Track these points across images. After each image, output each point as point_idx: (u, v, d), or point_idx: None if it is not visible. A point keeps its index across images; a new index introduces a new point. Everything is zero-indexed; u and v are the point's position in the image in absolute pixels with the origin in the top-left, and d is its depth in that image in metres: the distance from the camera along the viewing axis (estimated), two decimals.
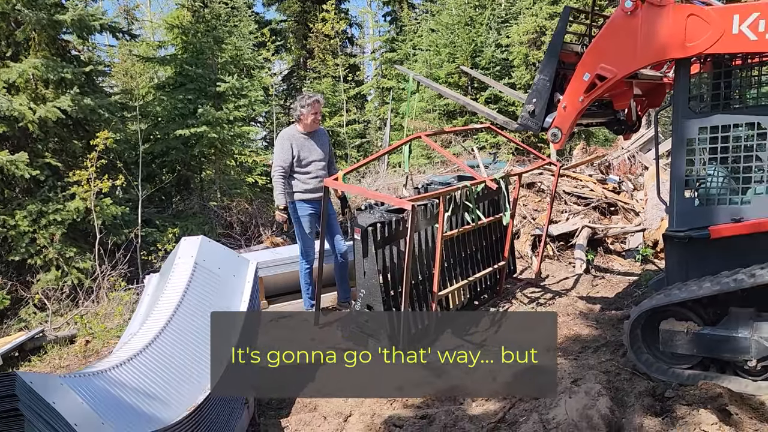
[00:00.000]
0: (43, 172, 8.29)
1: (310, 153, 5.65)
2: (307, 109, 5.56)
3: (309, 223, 5.73)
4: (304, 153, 5.62)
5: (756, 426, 3.21)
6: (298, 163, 5.60)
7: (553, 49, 4.48)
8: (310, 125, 5.63)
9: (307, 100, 5.58)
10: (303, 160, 5.62)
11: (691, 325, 3.88)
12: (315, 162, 5.67)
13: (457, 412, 3.69)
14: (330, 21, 22.12)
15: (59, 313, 7.17)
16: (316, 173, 5.67)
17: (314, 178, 5.66)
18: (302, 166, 5.63)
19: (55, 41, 9.09)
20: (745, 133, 3.89)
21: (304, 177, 5.65)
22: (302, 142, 5.63)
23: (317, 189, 5.62)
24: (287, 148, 5.56)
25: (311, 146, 5.68)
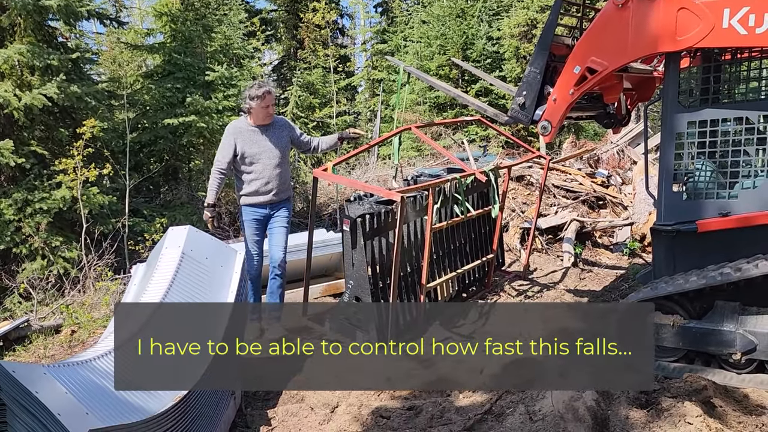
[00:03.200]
0: (28, 160, 8.18)
1: (258, 151, 5.00)
2: (256, 102, 4.89)
3: (251, 229, 5.15)
4: (250, 150, 4.97)
5: (740, 418, 3.24)
6: (241, 161, 4.99)
7: (543, 41, 4.47)
8: (262, 119, 5.01)
9: (256, 91, 4.87)
10: (247, 158, 4.98)
11: (677, 318, 3.90)
12: (263, 161, 5.01)
13: (444, 404, 3.71)
14: (321, 11, 21.98)
15: (45, 302, 7.10)
16: (262, 173, 5.02)
17: (259, 179, 5.02)
18: (246, 164, 5.00)
19: (41, 27, 8.95)
20: (733, 127, 3.91)
21: (248, 177, 5.03)
22: (249, 137, 4.98)
23: (262, 191, 5.05)
24: (228, 145, 4.97)
25: (261, 142, 5.01)
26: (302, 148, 5.39)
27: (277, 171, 5.09)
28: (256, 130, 5.02)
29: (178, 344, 3.20)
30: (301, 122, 17.79)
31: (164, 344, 3.14)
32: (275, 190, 5.09)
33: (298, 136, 5.32)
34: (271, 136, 5.06)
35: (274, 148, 5.06)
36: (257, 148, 4.99)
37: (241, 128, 5.01)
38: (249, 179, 5.02)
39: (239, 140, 4.96)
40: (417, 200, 5.24)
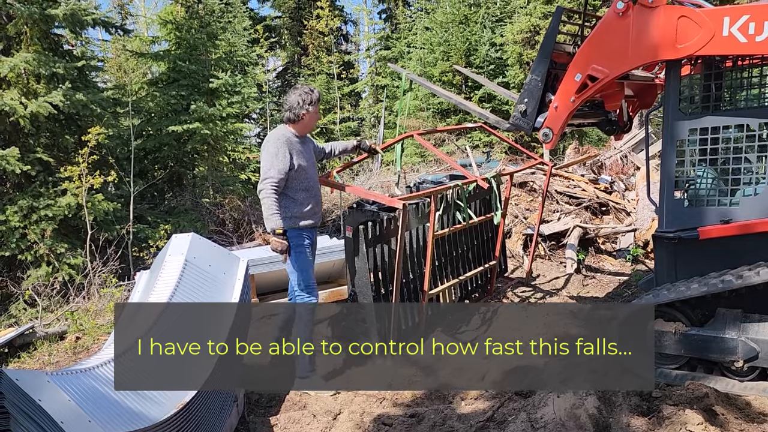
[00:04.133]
0: (34, 167, 8.26)
1: (307, 165, 4.31)
2: (314, 108, 4.23)
3: (307, 255, 4.39)
4: (302, 164, 4.24)
5: (741, 426, 3.24)
6: (296, 176, 4.20)
7: (545, 49, 4.49)
8: (311, 128, 4.40)
9: (313, 96, 4.23)
10: (301, 173, 4.23)
11: (679, 325, 3.90)
12: (312, 177, 4.37)
13: (446, 411, 3.71)
14: (324, 18, 22.07)
15: (49, 309, 7.14)
16: (313, 191, 4.37)
17: (312, 197, 4.34)
18: (300, 180, 4.24)
19: (47, 36, 9.05)
20: (734, 134, 3.92)
21: (302, 196, 4.27)
22: (299, 149, 4.24)
23: (315, 211, 4.39)
24: (284, 155, 4.12)
25: (308, 155, 4.35)
26: (320, 156, 4.81)
27: (319, 187, 4.48)
28: (300, 140, 4.30)
29: (179, 345, 3.22)
30: None
31: (166, 347, 3.16)
32: (319, 210, 4.49)
33: (316, 146, 4.75)
34: (309, 149, 4.42)
35: (314, 162, 4.49)
36: (306, 162, 4.28)
37: (290, 138, 4.22)
38: (303, 198, 4.27)
39: (293, 151, 4.18)
40: (419, 207, 5.26)
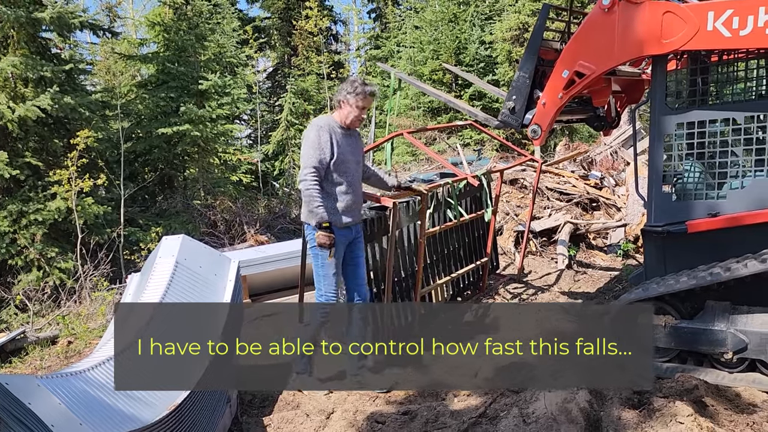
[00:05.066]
0: (23, 171, 8.21)
1: (351, 158, 3.98)
2: (354, 99, 3.89)
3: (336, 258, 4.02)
4: (344, 155, 3.91)
5: (731, 417, 3.27)
6: (335, 167, 3.87)
7: (532, 46, 4.51)
8: (350, 121, 3.97)
9: (360, 88, 3.90)
10: (341, 164, 3.89)
11: (669, 318, 3.93)
12: (353, 171, 4.01)
13: (438, 408, 3.72)
14: (313, 18, 22.06)
15: (41, 313, 7.10)
16: (354, 186, 4.01)
17: (351, 193, 3.98)
18: (339, 173, 3.90)
19: (34, 39, 9.00)
20: (721, 128, 3.95)
21: (340, 189, 3.93)
22: (343, 139, 3.93)
23: (354, 209, 4.03)
24: (325, 142, 3.82)
25: (352, 147, 4.01)
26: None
27: (360, 182, 4.16)
28: (344, 132, 3.98)
29: (171, 346, 3.22)
30: (296, 129, 17.82)
31: (159, 348, 3.16)
32: (359, 206, 4.14)
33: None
34: (355, 143, 4.08)
35: (360, 157, 4.14)
36: (350, 153, 3.97)
37: (333, 126, 3.92)
38: (341, 192, 3.93)
39: (335, 140, 3.87)
40: (410, 205, 5.27)
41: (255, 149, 17.78)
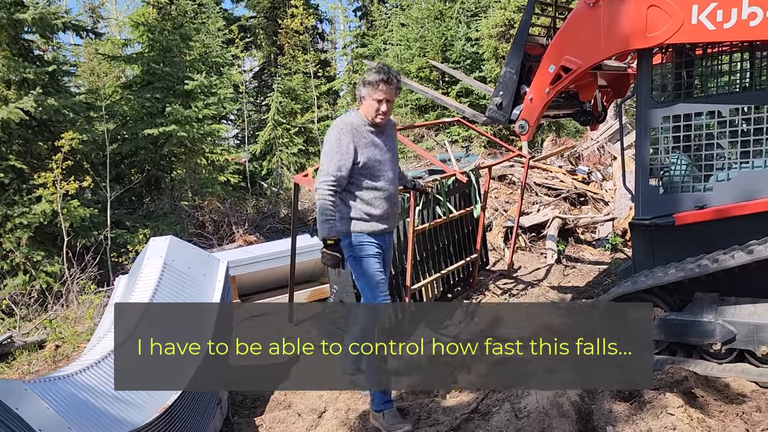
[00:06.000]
0: (7, 174, 8.13)
1: (381, 159, 3.51)
2: (368, 92, 3.42)
3: (375, 265, 3.56)
4: (373, 157, 3.45)
5: (721, 407, 3.29)
6: (361, 172, 3.44)
7: (518, 41, 4.51)
8: (373, 116, 3.45)
9: (371, 77, 3.42)
10: (370, 168, 3.45)
11: (658, 311, 3.95)
12: (386, 173, 3.53)
13: (430, 405, 3.72)
14: (299, 17, 21.98)
15: (28, 318, 7.03)
16: (387, 190, 3.54)
17: (384, 198, 3.53)
18: (369, 178, 3.47)
19: (16, 41, 8.90)
20: (706, 121, 3.97)
21: (371, 195, 3.48)
22: (369, 139, 3.46)
23: (388, 215, 3.59)
24: (346, 146, 3.36)
25: (382, 147, 3.52)
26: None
27: (396, 186, 3.67)
28: (373, 130, 3.51)
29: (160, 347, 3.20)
30: (283, 128, 17.76)
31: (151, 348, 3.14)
32: (394, 213, 3.68)
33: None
34: (387, 140, 3.60)
35: (393, 157, 3.65)
36: (380, 155, 3.50)
37: (357, 126, 3.45)
38: (372, 198, 3.49)
39: (359, 143, 3.42)
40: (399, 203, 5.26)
41: (242, 149, 17.71)
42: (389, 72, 3.44)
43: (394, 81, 3.42)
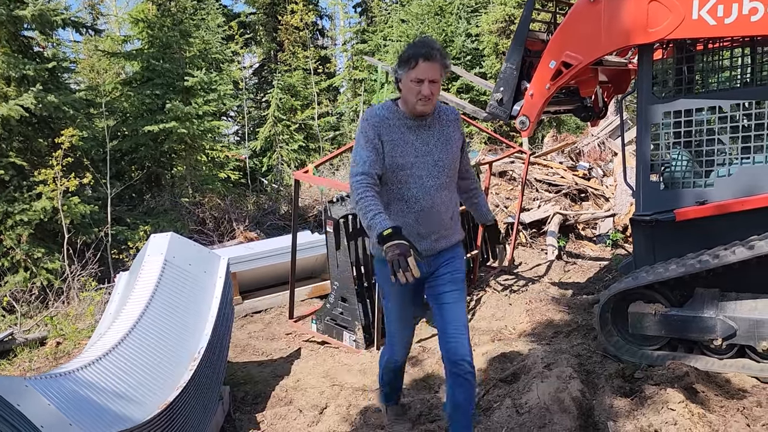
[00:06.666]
0: (7, 171, 8.12)
1: (412, 160, 2.77)
2: (404, 74, 2.69)
3: (394, 296, 2.96)
4: (401, 158, 2.75)
5: (722, 402, 3.29)
6: (390, 177, 2.77)
7: (518, 37, 4.51)
8: (412, 106, 2.73)
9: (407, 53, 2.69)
10: (395, 170, 2.76)
11: (659, 306, 3.95)
12: (419, 179, 2.78)
13: (432, 400, 3.72)
14: (299, 13, 21.91)
15: (29, 315, 7.03)
16: (418, 200, 2.78)
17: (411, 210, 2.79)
18: (399, 183, 2.78)
19: (16, 37, 8.88)
20: (707, 117, 3.96)
21: (398, 208, 2.81)
22: (399, 135, 2.77)
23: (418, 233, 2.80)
24: (370, 141, 2.72)
25: (417, 146, 2.78)
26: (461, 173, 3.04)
27: (442, 197, 2.84)
28: (413, 123, 2.80)
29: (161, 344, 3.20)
30: (283, 125, 17.74)
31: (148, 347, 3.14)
32: (439, 230, 2.86)
33: (464, 149, 3.03)
34: (433, 138, 2.83)
35: (439, 160, 2.82)
36: (411, 155, 2.77)
37: (388, 118, 2.78)
38: (398, 211, 2.80)
39: (385, 136, 2.75)
40: None
41: (242, 146, 17.69)
42: (431, 45, 2.68)
43: (437, 56, 2.65)
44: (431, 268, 2.89)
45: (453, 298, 2.89)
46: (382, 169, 2.72)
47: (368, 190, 2.59)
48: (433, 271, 2.90)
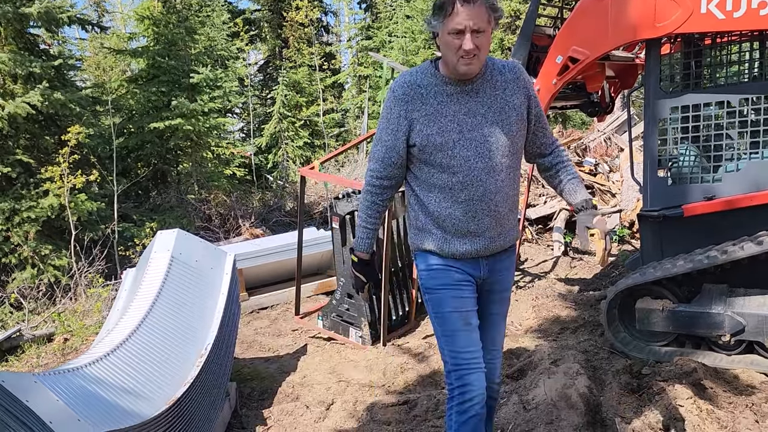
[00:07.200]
0: (14, 169, 8.14)
1: (456, 137, 2.19)
2: (438, 21, 2.10)
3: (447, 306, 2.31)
4: (440, 135, 2.19)
5: (730, 399, 3.28)
6: (421, 157, 2.24)
7: (525, 32, 4.49)
8: (456, 68, 2.13)
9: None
10: (431, 151, 2.21)
11: (667, 302, 3.93)
12: (465, 159, 2.19)
13: (438, 396, 3.72)
14: (304, 9, 21.91)
15: (36, 311, 7.06)
16: (465, 186, 2.21)
17: (465, 203, 2.22)
18: (430, 165, 2.23)
19: (22, 35, 8.89)
20: (715, 111, 3.94)
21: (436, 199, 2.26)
22: (437, 106, 2.20)
23: (467, 229, 2.24)
24: (395, 121, 2.23)
25: (461, 117, 2.19)
26: (534, 147, 2.42)
27: (498, 183, 2.23)
28: (451, 90, 2.19)
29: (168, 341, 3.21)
30: (289, 121, 17.75)
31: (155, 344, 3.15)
32: (496, 226, 2.28)
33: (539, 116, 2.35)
34: (483, 105, 2.21)
35: (488, 131, 2.20)
36: (453, 131, 2.18)
37: (419, 85, 2.21)
38: (438, 201, 2.25)
39: (417, 111, 2.20)
40: (405, 195, 5.25)
41: (248, 142, 17.70)
42: None
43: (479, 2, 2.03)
44: (487, 273, 2.33)
45: (496, 320, 2.47)
46: (402, 156, 2.25)
47: (371, 193, 2.35)
48: (486, 278, 2.34)
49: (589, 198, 2.39)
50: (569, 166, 2.44)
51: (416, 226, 2.35)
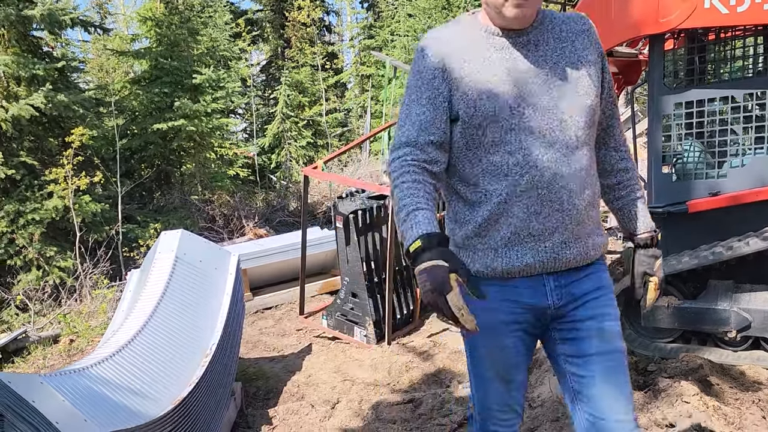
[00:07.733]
0: (18, 171, 8.17)
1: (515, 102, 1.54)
2: None
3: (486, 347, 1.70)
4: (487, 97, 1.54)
5: (736, 395, 3.26)
6: (465, 133, 1.58)
7: None
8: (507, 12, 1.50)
9: None
10: (482, 120, 1.55)
11: (672, 299, 3.91)
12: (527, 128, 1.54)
13: (443, 395, 3.72)
14: (306, 9, 21.92)
15: (42, 313, 7.09)
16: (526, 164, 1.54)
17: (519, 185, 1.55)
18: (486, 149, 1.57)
19: (25, 37, 8.93)
20: (720, 107, 3.92)
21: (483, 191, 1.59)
22: (487, 60, 1.56)
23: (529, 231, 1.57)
24: (425, 86, 1.58)
25: (519, 77, 1.55)
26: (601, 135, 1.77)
27: (572, 165, 1.58)
28: (501, 43, 1.59)
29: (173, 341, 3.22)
30: (292, 121, 17.76)
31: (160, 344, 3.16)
32: (569, 224, 1.60)
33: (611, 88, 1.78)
34: (546, 60, 1.60)
35: (555, 94, 1.58)
36: (509, 93, 1.55)
37: (455, 38, 1.62)
38: (488, 192, 1.59)
39: (458, 71, 1.57)
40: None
41: (251, 143, 17.72)
42: None
43: None
44: (557, 298, 1.64)
45: (606, 368, 1.61)
46: (445, 133, 1.59)
47: (408, 173, 1.54)
48: (562, 305, 1.65)
49: (657, 231, 1.81)
50: (636, 180, 1.82)
51: (455, 243, 1.68)
